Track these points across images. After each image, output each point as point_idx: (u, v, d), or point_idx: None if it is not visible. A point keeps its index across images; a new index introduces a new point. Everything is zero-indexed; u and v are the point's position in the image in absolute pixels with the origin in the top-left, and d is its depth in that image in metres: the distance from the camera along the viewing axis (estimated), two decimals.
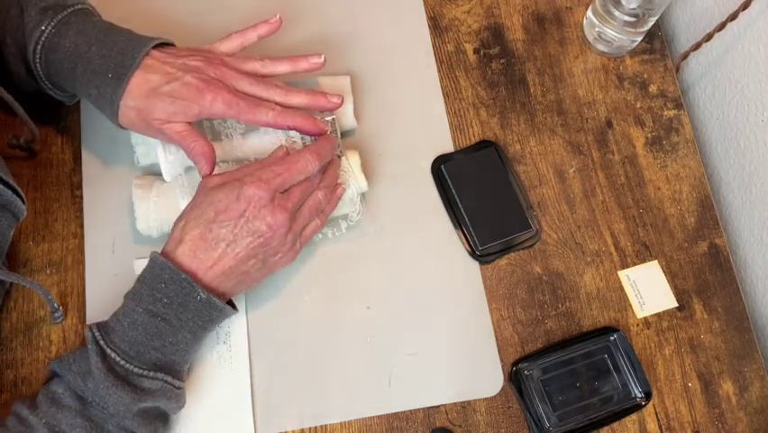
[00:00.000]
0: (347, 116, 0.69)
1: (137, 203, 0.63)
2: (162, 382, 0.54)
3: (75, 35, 0.58)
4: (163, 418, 0.57)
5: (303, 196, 0.59)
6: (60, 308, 0.61)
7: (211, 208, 0.55)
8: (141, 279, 0.55)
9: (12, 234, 0.55)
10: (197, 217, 0.56)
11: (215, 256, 0.55)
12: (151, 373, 0.54)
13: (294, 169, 0.58)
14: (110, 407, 0.52)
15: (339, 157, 0.66)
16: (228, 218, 0.55)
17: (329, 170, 0.63)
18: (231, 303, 0.59)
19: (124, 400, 0.52)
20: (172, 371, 0.55)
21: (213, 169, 0.59)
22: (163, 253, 0.56)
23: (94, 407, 0.52)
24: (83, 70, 0.57)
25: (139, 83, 0.57)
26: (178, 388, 0.56)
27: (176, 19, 0.73)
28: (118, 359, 0.53)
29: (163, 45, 0.60)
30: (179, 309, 0.54)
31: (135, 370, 0.53)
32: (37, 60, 0.58)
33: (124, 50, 0.57)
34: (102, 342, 0.53)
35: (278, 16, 0.64)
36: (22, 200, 0.56)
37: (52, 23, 0.58)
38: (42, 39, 0.58)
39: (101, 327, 0.54)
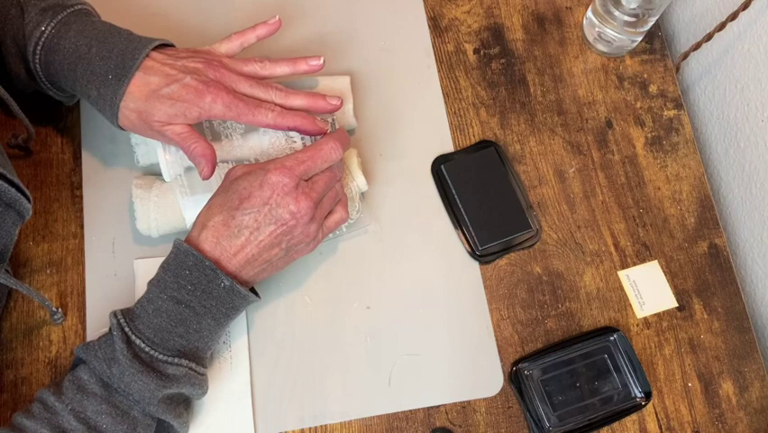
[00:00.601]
0: (347, 116, 0.69)
1: (137, 203, 0.63)
2: (186, 369, 0.54)
3: (75, 36, 0.58)
4: (187, 403, 0.58)
5: (327, 186, 0.59)
6: (59, 309, 0.61)
7: (235, 196, 0.56)
8: (166, 265, 0.56)
9: (17, 233, 0.55)
10: (221, 204, 0.56)
11: (238, 244, 0.55)
12: (176, 360, 0.54)
13: (318, 156, 0.58)
14: (135, 393, 0.52)
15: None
16: (252, 206, 0.55)
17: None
18: (253, 291, 0.59)
19: (149, 386, 0.52)
20: (196, 357, 0.56)
21: (213, 170, 0.59)
22: (187, 240, 0.56)
23: (119, 393, 0.53)
24: (83, 71, 0.57)
25: (139, 85, 0.57)
26: (202, 374, 0.56)
27: (176, 19, 0.73)
28: (143, 345, 0.53)
29: (163, 46, 0.60)
30: (203, 296, 0.54)
31: (160, 356, 0.53)
32: (37, 61, 0.58)
33: (124, 52, 0.57)
34: (127, 328, 0.53)
35: (277, 17, 0.64)
36: (28, 199, 0.55)
37: (52, 24, 0.58)
38: (42, 39, 0.58)
39: (125, 313, 0.55)
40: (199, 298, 0.54)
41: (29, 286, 0.57)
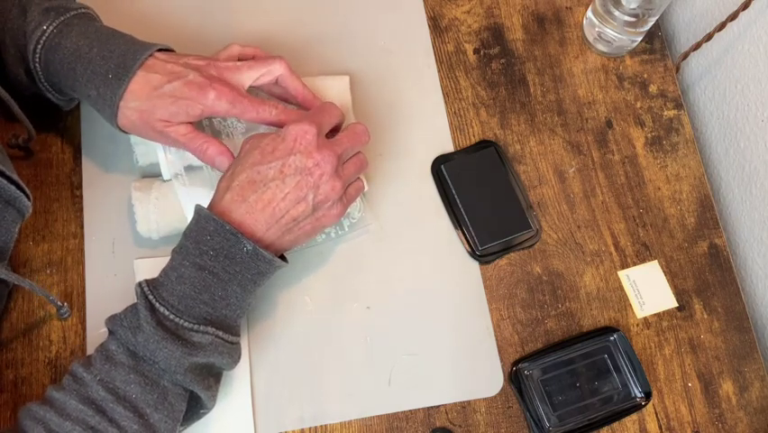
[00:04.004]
0: (346, 116, 0.69)
1: (137, 205, 0.63)
2: (213, 337, 0.54)
3: (76, 37, 0.58)
4: (217, 375, 0.57)
5: (350, 145, 0.59)
6: (65, 303, 0.61)
7: (257, 152, 0.56)
8: (188, 232, 0.55)
9: (17, 231, 0.55)
10: (243, 163, 0.56)
11: (266, 198, 0.55)
12: (201, 328, 0.53)
13: (330, 113, 0.60)
14: (161, 362, 0.52)
15: None
16: (276, 157, 0.55)
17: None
18: (281, 257, 0.58)
19: (175, 354, 0.51)
20: (223, 325, 0.55)
21: None
22: (210, 204, 0.56)
23: (146, 362, 0.52)
24: (83, 71, 0.57)
25: (140, 83, 0.57)
26: (231, 343, 0.55)
27: (176, 26, 0.73)
28: (167, 313, 0.52)
29: (164, 51, 0.60)
30: (226, 262, 0.54)
31: (185, 324, 0.53)
32: (36, 60, 0.58)
33: (126, 53, 0.57)
34: (151, 296, 0.53)
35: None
36: (28, 197, 0.55)
37: (54, 24, 0.58)
38: (43, 39, 0.57)
39: (150, 282, 0.54)
40: (222, 263, 0.54)
41: (33, 283, 0.57)
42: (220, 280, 0.54)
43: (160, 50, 0.59)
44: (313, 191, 0.56)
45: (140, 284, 0.54)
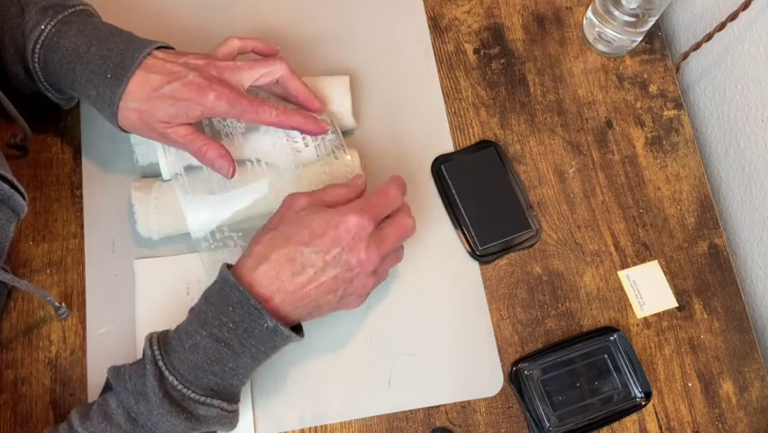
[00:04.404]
0: (346, 116, 0.69)
1: (137, 206, 0.63)
2: (218, 410, 0.53)
3: (75, 35, 0.57)
4: None
5: (397, 242, 0.58)
6: (63, 304, 0.61)
7: (306, 231, 0.53)
8: (209, 296, 0.53)
9: (12, 230, 0.55)
10: (289, 237, 0.54)
11: (300, 282, 0.53)
12: (208, 400, 0.52)
13: (387, 200, 0.57)
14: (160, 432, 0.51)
15: (344, 152, 0.66)
16: (323, 244, 0.53)
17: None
18: (298, 328, 0.57)
19: (178, 428, 0.51)
20: (227, 395, 0.54)
21: (236, 169, 0.59)
22: (239, 269, 0.54)
23: (145, 430, 0.51)
24: (81, 70, 0.57)
25: (139, 84, 0.56)
26: (232, 412, 0.54)
27: (176, 24, 0.73)
28: (176, 383, 0.51)
29: (163, 49, 0.60)
30: (244, 335, 0.52)
31: (192, 396, 0.51)
32: (35, 60, 0.58)
33: (124, 52, 0.57)
34: (161, 363, 0.51)
35: (278, 48, 0.65)
36: (23, 196, 0.55)
37: (52, 23, 0.57)
38: (42, 38, 0.57)
39: (161, 342, 0.53)
40: (240, 336, 0.52)
41: (28, 283, 0.57)
42: (234, 353, 0.53)
43: (159, 47, 0.59)
44: (345, 285, 0.55)
45: (150, 344, 0.52)
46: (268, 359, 0.56)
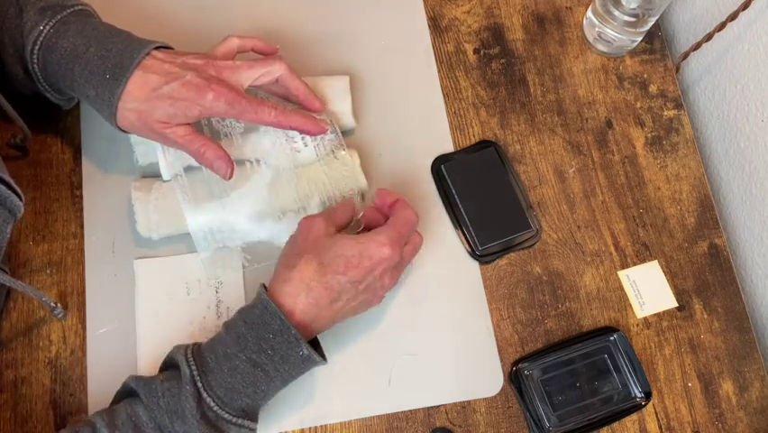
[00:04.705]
0: (346, 116, 0.69)
1: (137, 206, 0.63)
2: (247, 430, 0.54)
3: (73, 36, 0.57)
4: None
5: (411, 259, 0.62)
6: (59, 304, 0.60)
7: (341, 261, 0.55)
8: (249, 321, 0.54)
9: (9, 231, 0.54)
10: (325, 265, 0.55)
11: (336, 307, 0.56)
12: (239, 421, 0.53)
13: (410, 225, 0.59)
14: None
15: (343, 151, 0.66)
16: (357, 274, 0.55)
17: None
18: (320, 350, 0.58)
19: None
20: (254, 415, 0.55)
21: (233, 170, 0.59)
22: (277, 293, 0.55)
23: None
24: (80, 71, 0.57)
25: (138, 84, 0.56)
26: (253, 430, 0.55)
27: (175, 24, 0.73)
28: (213, 405, 0.52)
29: (162, 49, 0.60)
30: (280, 361, 0.54)
31: (226, 416, 0.52)
32: (35, 61, 0.58)
33: (123, 52, 0.57)
34: (200, 384, 0.52)
35: (277, 47, 0.65)
36: (20, 197, 0.55)
37: (51, 23, 0.57)
38: (41, 39, 0.57)
39: (198, 360, 0.53)
40: (276, 362, 0.54)
41: (25, 283, 0.57)
42: (268, 377, 0.54)
43: (158, 47, 0.59)
44: (366, 305, 0.59)
45: (186, 359, 0.53)
46: (293, 381, 0.57)
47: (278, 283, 0.56)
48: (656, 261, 0.71)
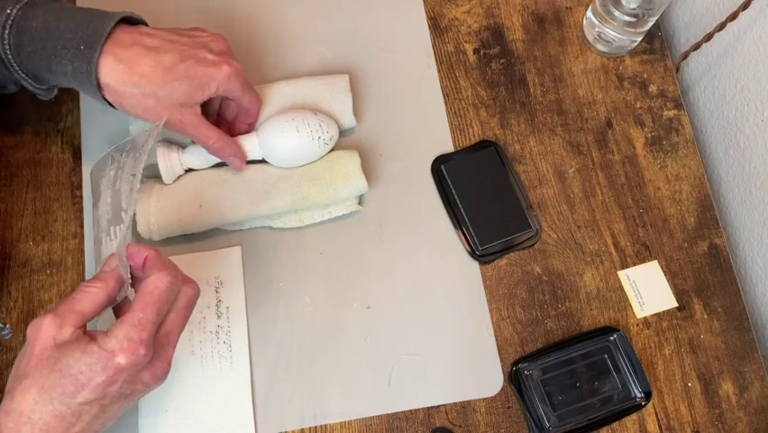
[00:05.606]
0: (346, 115, 0.69)
1: (137, 207, 0.63)
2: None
3: (42, 15, 0.56)
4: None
5: (185, 322, 0.50)
6: (7, 325, 0.59)
7: (67, 381, 0.44)
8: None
9: None
10: (49, 389, 0.44)
11: (77, 430, 0.46)
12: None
13: (161, 309, 0.48)
14: None
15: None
16: (92, 394, 0.45)
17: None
18: None
19: None
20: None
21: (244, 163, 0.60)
22: (1, 429, 0.45)
23: None
24: (54, 47, 0.55)
25: (151, 66, 0.55)
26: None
27: (176, 24, 0.73)
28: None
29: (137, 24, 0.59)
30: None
31: None
32: (6, 46, 0.56)
33: (94, 21, 0.55)
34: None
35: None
36: None
37: (18, 6, 0.55)
38: (9, 22, 0.55)
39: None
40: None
41: None
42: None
43: (127, 19, 0.57)
44: (129, 403, 0.49)
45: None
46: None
47: (2, 415, 0.45)
48: (656, 261, 0.71)
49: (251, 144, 0.64)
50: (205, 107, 0.62)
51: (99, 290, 0.48)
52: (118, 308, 0.51)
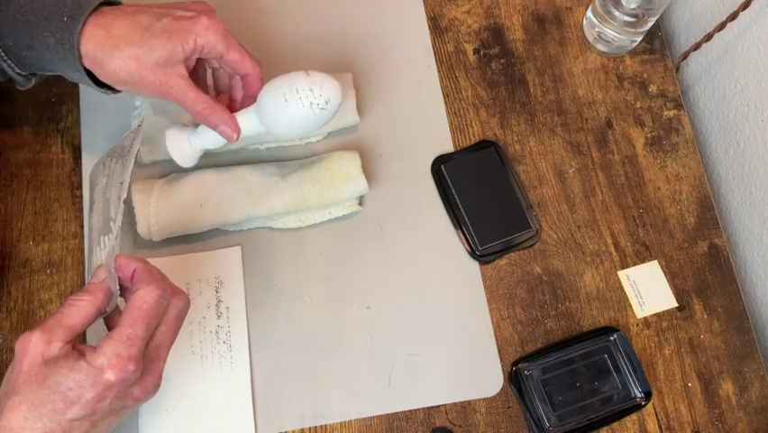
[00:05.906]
0: (350, 112, 0.69)
1: (137, 208, 0.63)
2: None
3: None
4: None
5: (175, 335, 0.50)
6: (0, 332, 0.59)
7: (57, 398, 0.44)
8: None
9: None
10: (38, 405, 0.44)
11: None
12: None
13: (149, 324, 0.47)
14: None
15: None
16: (82, 411, 0.45)
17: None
18: None
19: None
20: None
21: (240, 134, 0.58)
22: None
23: None
24: (37, 21, 0.54)
25: (128, 27, 0.54)
26: None
27: None
28: None
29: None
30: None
31: None
32: None
33: None
34: None
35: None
36: None
37: None
38: None
39: None
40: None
41: None
42: None
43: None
44: (122, 416, 0.49)
45: None
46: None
47: None
48: (656, 261, 0.71)
49: (250, 117, 0.60)
50: (198, 82, 0.60)
51: (88, 303, 0.47)
52: (108, 318, 0.51)
